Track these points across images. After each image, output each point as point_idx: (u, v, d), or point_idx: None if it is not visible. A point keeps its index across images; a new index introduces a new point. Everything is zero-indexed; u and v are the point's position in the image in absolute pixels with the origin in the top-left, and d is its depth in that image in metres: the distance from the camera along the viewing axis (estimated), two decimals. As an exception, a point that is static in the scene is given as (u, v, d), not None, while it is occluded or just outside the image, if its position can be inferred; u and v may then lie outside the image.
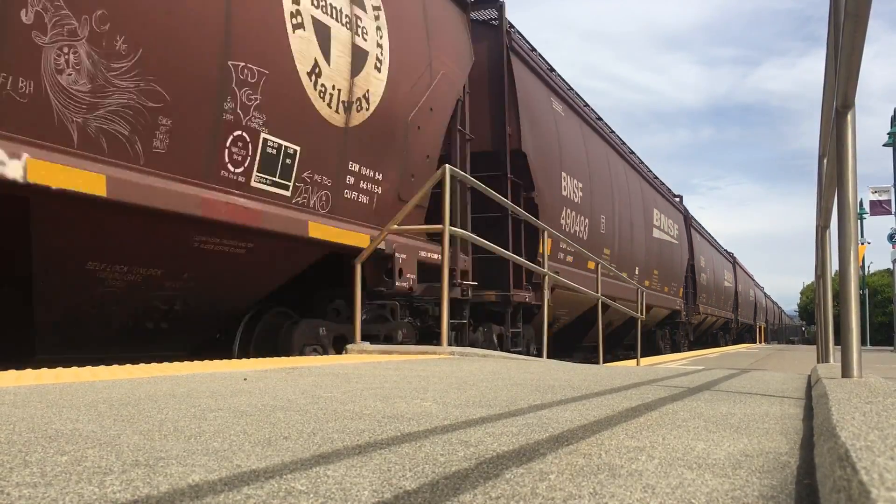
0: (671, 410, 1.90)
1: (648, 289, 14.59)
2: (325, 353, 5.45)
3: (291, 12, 4.63)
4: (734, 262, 31.32)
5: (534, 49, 9.43)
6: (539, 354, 7.64)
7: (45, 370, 2.71)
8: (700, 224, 22.83)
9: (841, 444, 0.98)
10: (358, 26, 5.36)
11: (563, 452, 1.27)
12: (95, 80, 3.43)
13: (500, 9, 8.34)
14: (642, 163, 15.79)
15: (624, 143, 14.33)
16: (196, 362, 3.41)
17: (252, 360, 3.79)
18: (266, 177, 4.54)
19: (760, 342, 38.10)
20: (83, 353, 4.10)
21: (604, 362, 11.96)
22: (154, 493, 0.93)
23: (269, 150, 4.54)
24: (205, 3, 3.97)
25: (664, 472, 1.13)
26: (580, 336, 11.94)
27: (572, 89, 11.21)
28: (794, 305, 71.08)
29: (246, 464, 1.12)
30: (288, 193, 4.76)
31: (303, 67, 4.73)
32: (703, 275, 22.01)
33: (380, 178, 5.78)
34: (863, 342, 8.51)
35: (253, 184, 4.44)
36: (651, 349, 17.25)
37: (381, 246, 5.51)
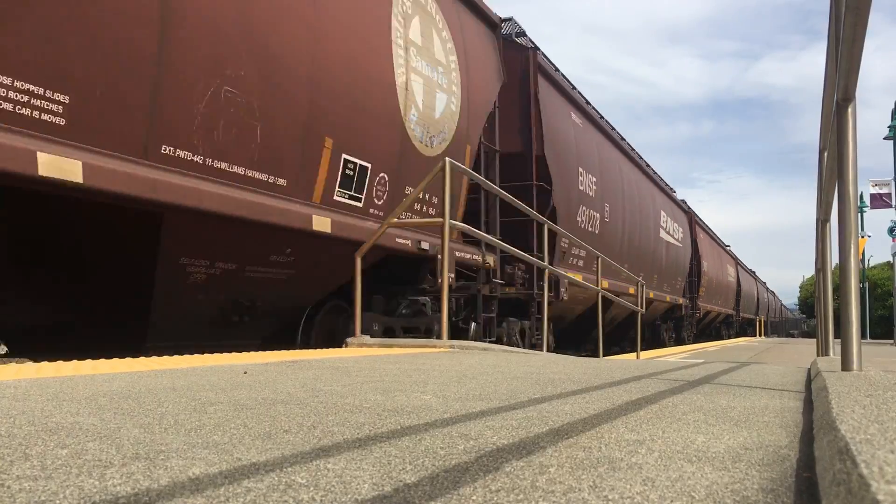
0: (671, 404, 1.90)
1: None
2: None
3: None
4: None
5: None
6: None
7: (45, 364, 2.71)
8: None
9: (841, 438, 0.99)
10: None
11: (563, 445, 1.27)
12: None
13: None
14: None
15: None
16: (196, 356, 3.41)
17: (253, 353, 3.80)
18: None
19: (760, 336, 38.12)
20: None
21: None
22: (154, 486, 0.93)
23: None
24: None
25: (664, 465, 1.13)
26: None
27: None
28: (794, 299, 71.01)
29: (246, 457, 1.12)
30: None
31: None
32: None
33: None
34: (863, 335, 8.51)
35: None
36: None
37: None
